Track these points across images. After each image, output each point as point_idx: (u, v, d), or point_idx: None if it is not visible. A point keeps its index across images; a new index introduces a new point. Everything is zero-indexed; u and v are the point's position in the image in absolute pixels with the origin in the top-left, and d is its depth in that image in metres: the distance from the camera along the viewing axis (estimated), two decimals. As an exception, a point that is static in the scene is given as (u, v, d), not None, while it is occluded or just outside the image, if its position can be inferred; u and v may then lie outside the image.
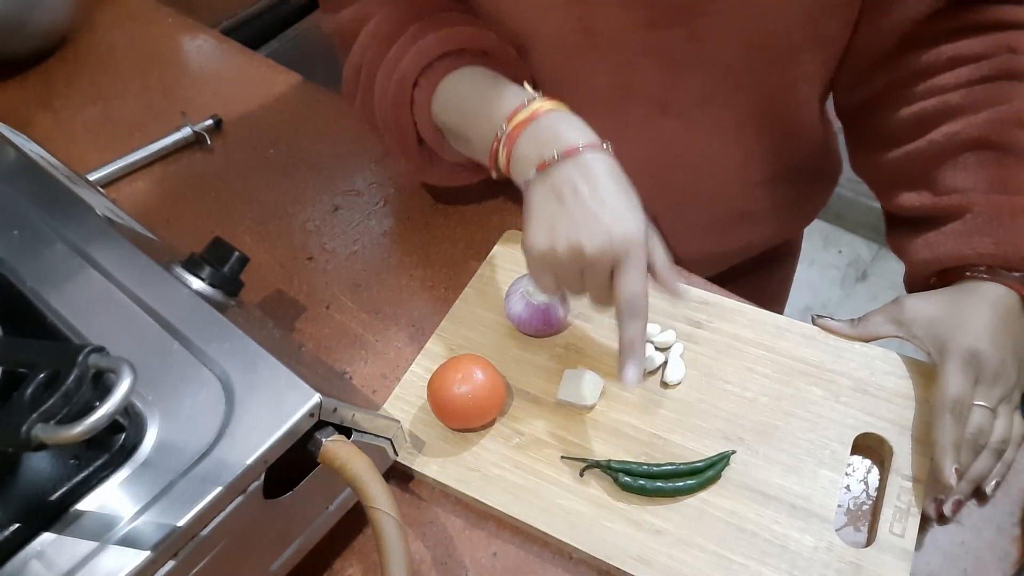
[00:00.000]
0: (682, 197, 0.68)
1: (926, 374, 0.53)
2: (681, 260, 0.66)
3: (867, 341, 0.56)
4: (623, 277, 0.48)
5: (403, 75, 0.57)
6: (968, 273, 0.53)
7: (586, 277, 0.50)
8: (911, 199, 0.57)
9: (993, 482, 0.50)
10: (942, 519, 0.49)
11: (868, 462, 0.52)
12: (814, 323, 0.57)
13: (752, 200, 0.69)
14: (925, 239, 0.55)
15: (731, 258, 0.77)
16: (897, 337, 0.55)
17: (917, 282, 0.57)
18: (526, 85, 0.55)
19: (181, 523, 0.36)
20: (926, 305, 0.53)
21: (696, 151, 0.64)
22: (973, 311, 0.51)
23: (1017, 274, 0.52)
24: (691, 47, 0.56)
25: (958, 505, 0.49)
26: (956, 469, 0.47)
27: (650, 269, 0.50)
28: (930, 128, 0.55)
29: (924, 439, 0.50)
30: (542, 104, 0.53)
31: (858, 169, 0.65)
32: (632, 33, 0.56)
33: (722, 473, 0.50)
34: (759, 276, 0.83)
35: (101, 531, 0.36)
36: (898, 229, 0.59)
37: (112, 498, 0.37)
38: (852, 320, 0.57)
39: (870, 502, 0.50)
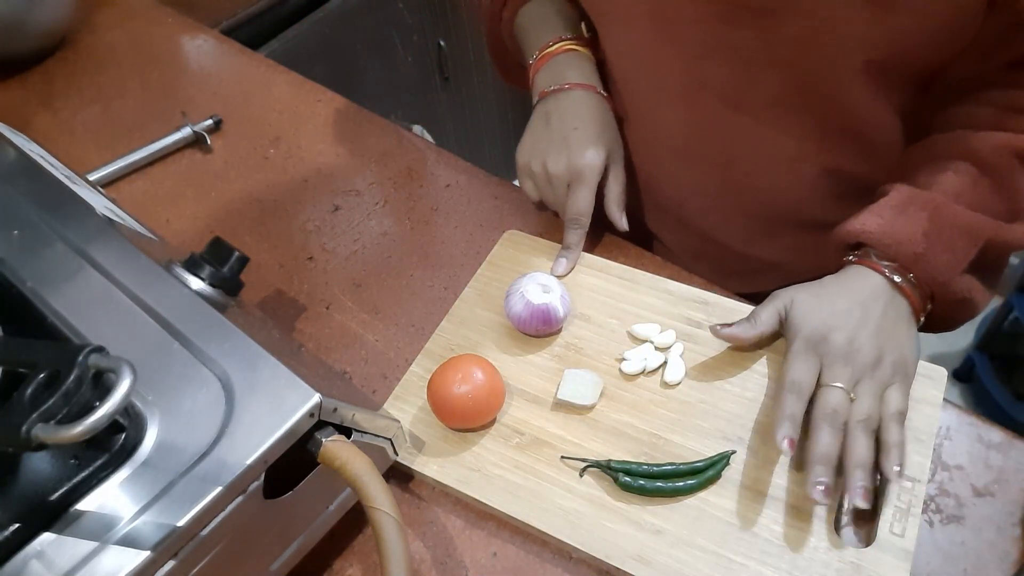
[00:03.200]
0: (757, 197, 0.67)
1: (926, 374, 0.53)
2: (754, 260, 0.66)
3: (765, 337, 0.55)
4: (572, 195, 0.62)
5: None
6: (847, 257, 0.55)
7: (553, 188, 0.63)
8: (884, 186, 0.56)
9: (895, 467, 0.47)
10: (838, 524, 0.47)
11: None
12: (712, 333, 0.55)
13: (839, 213, 0.63)
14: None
15: (820, 269, 0.73)
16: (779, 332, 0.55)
17: (830, 257, 0.58)
18: (583, 26, 0.68)
19: (181, 523, 0.36)
20: (796, 294, 0.54)
21: (771, 153, 0.63)
22: (831, 297, 0.53)
23: (888, 263, 0.52)
24: (765, 48, 0.55)
25: (866, 492, 0.46)
26: (791, 440, 0.47)
27: (605, 197, 0.64)
28: (945, 128, 0.55)
29: (924, 439, 0.50)
30: (566, 45, 0.66)
31: None
32: (705, 27, 0.56)
33: (722, 473, 0.50)
34: None
35: (101, 531, 0.36)
36: None
37: (112, 498, 0.37)
38: (749, 319, 0.55)
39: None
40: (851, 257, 0.55)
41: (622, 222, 0.64)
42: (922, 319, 0.54)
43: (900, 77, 0.56)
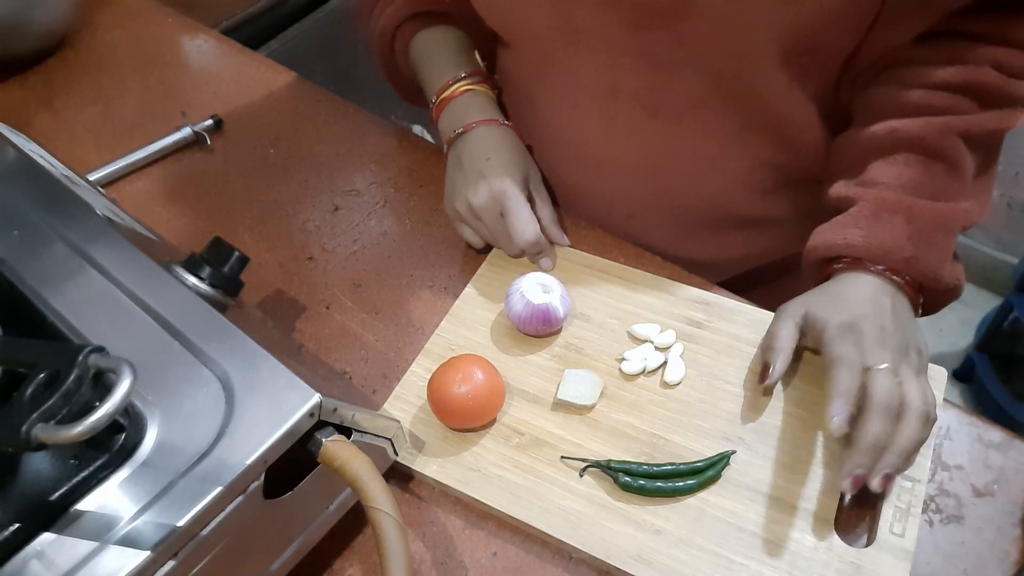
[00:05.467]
0: (681, 199, 0.67)
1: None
2: (683, 261, 0.66)
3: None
4: (509, 220, 0.60)
5: (382, 30, 0.71)
6: (836, 265, 0.54)
7: (486, 222, 0.61)
8: (837, 188, 0.56)
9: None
10: (866, 496, 0.46)
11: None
12: (765, 387, 0.53)
13: (764, 207, 0.67)
14: (818, 228, 0.56)
15: (747, 262, 0.74)
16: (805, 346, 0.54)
17: (806, 271, 0.58)
18: (476, 55, 0.69)
19: (181, 523, 0.36)
20: (805, 300, 0.53)
21: (691, 155, 0.63)
22: (840, 296, 0.52)
23: (881, 267, 0.52)
24: (676, 50, 0.55)
25: (887, 479, 0.45)
26: (847, 416, 0.45)
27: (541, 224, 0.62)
28: (878, 119, 0.55)
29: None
30: (462, 86, 0.66)
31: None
32: (616, 33, 0.56)
33: (722, 473, 0.50)
34: (783, 283, 0.77)
35: (101, 531, 0.36)
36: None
37: (112, 498, 0.37)
38: (771, 348, 0.52)
39: (870, 502, 0.50)
40: (839, 265, 0.54)
41: (564, 239, 0.65)
42: (919, 310, 0.54)
43: (816, 65, 0.56)
